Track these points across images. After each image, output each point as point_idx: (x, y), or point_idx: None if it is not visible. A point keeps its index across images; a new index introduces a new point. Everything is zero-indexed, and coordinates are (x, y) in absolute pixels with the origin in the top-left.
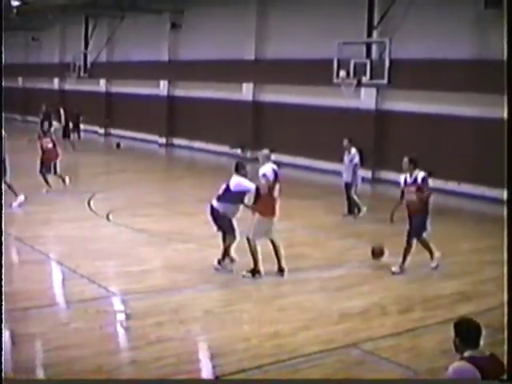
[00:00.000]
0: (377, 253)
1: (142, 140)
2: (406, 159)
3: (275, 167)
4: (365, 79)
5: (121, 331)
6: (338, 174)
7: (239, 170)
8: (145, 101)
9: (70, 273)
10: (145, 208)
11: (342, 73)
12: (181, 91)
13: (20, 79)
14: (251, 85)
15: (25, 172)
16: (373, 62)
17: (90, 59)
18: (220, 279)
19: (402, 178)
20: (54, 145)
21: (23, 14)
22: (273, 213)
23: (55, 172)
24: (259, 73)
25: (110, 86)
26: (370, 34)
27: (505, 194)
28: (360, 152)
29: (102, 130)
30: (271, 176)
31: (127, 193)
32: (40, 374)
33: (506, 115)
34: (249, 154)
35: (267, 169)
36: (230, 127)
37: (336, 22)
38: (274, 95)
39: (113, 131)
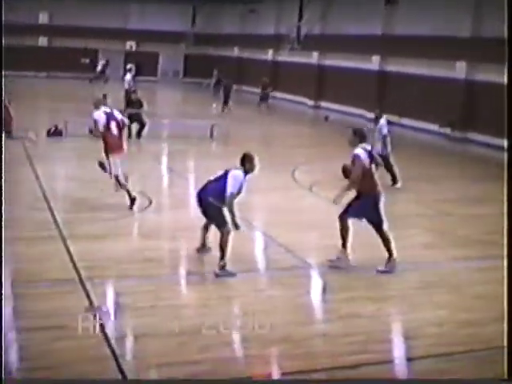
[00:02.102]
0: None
1: (350, 114)
2: (350, 131)
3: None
4: None
5: (313, 303)
6: None
7: (245, 163)
8: (356, 75)
9: (269, 241)
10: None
11: None
12: (392, 67)
13: (236, 49)
14: (464, 63)
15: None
16: None
17: (303, 31)
18: (418, 260)
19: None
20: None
21: None
22: None
23: None
24: (474, 51)
25: (322, 59)
26: None
27: None
28: (388, 122)
29: (311, 102)
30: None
31: (332, 166)
32: (229, 337)
33: None
34: (458, 134)
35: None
36: (440, 105)
37: None
38: (487, 74)
39: (322, 104)
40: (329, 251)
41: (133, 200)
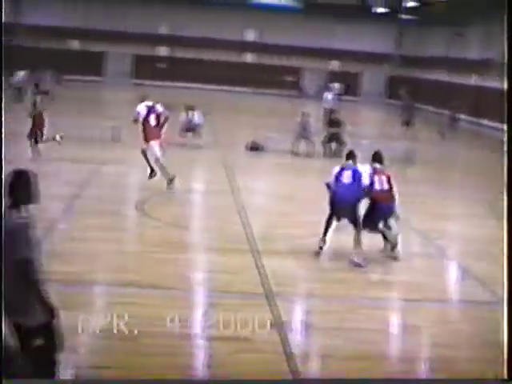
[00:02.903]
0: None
1: None
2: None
3: None
4: None
5: (503, 343)
6: None
7: (352, 157)
8: None
9: (464, 272)
10: None
11: None
12: None
13: (438, 72)
14: None
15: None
16: None
17: None
18: None
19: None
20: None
21: (449, 10)
22: None
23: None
24: None
25: None
26: None
27: None
28: None
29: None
30: None
31: None
32: (411, 366)
33: None
34: None
35: None
36: None
37: None
38: None
39: None
40: None
41: (171, 179)
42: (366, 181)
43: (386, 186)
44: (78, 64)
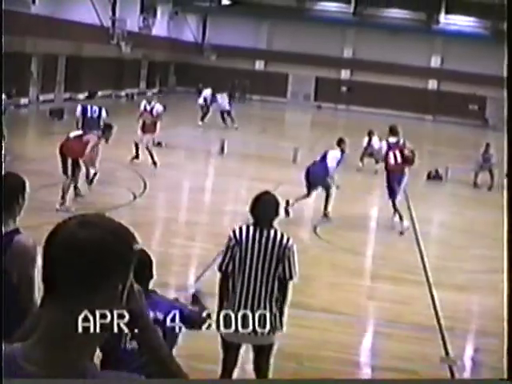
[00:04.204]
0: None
1: None
2: None
3: None
4: None
5: None
6: None
7: (341, 144)
8: None
9: None
10: None
11: None
12: None
13: None
14: None
15: None
16: None
17: None
18: None
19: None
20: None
21: None
22: None
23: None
24: None
25: None
26: None
27: None
28: None
29: None
30: None
31: None
32: None
33: None
34: None
35: None
36: None
37: None
38: None
39: None
40: None
41: (155, 163)
42: (331, 163)
43: (398, 160)
44: (262, 84)
